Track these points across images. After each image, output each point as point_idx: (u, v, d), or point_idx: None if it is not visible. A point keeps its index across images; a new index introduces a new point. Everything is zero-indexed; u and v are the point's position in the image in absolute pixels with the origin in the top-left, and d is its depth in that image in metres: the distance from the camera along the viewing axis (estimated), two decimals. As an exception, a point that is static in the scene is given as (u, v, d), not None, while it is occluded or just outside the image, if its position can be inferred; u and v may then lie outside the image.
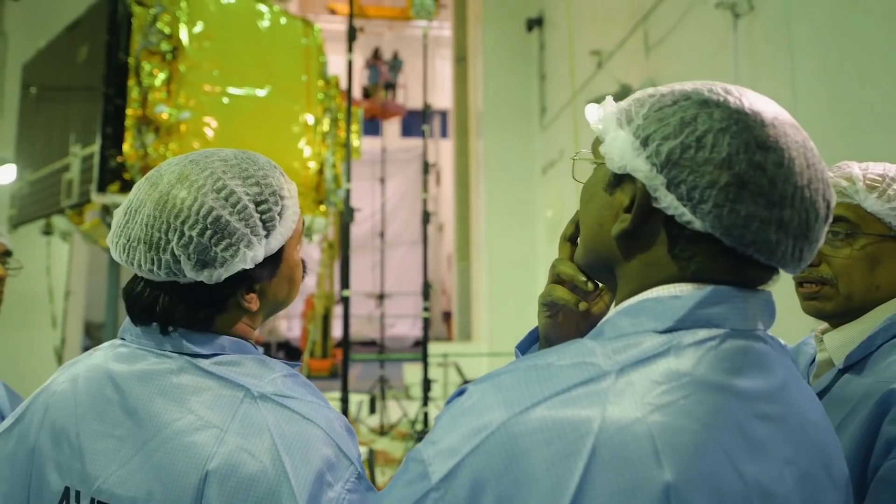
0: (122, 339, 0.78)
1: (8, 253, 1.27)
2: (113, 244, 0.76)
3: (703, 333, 0.51)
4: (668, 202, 0.52)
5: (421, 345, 4.87)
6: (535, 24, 7.77)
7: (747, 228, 0.51)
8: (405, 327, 12.93)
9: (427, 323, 4.93)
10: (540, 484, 0.44)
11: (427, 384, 4.77)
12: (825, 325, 0.92)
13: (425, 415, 4.96)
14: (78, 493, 0.69)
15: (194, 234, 0.71)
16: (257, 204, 0.75)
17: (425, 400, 4.87)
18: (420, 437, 5.00)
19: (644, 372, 0.49)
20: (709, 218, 0.51)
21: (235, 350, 0.76)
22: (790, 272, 0.56)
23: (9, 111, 5.52)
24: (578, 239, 0.66)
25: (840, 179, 0.87)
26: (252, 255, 0.74)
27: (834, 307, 0.87)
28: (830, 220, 0.55)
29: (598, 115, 0.59)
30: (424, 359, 4.74)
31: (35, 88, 4.09)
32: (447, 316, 12.32)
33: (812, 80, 3.03)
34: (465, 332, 9.42)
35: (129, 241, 0.73)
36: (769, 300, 0.56)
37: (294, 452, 0.67)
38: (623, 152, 0.55)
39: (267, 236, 0.76)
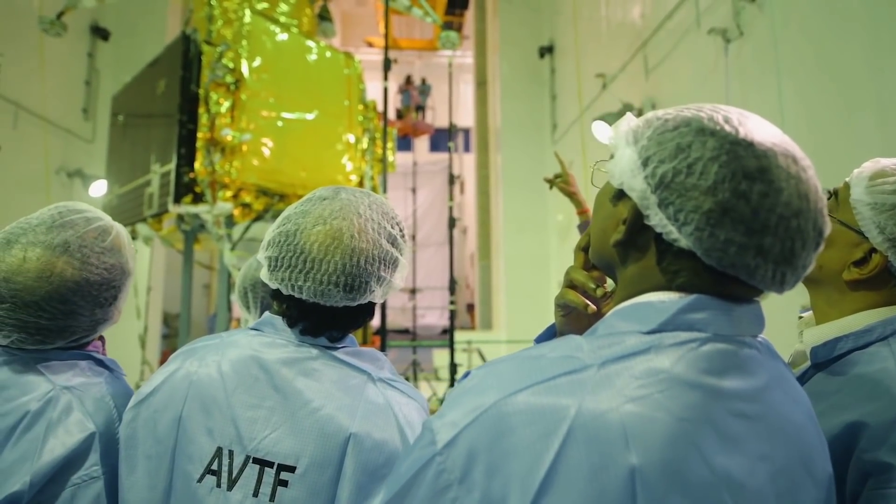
0: (258, 329, 0.82)
1: None
2: (295, 286, 0.76)
3: (684, 336, 0.49)
4: (657, 220, 0.50)
5: (448, 333, 4.89)
6: (546, 51, 7.70)
7: (725, 252, 0.48)
8: (434, 317, 12.93)
9: (453, 314, 4.95)
10: (522, 457, 0.44)
11: (453, 367, 4.76)
12: (810, 313, 0.82)
13: (452, 394, 4.95)
14: (231, 451, 0.72)
15: (387, 275, 0.80)
16: (401, 235, 0.84)
17: (452, 381, 4.86)
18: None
19: (624, 367, 0.47)
20: (691, 239, 0.49)
21: (349, 343, 0.84)
22: (775, 292, 0.52)
23: (101, 136, 5.69)
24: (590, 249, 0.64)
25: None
26: (405, 272, 0.85)
27: None
28: (821, 247, 0.51)
29: (609, 131, 0.57)
30: (451, 345, 4.75)
31: (122, 116, 4.21)
32: (470, 307, 12.26)
33: (797, 99, 2.94)
34: (486, 321, 9.36)
35: (322, 285, 0.76)
36: (756, 311, 0.53)
37: (408, 422, 0.77)
38: (623, 171, 0.53)
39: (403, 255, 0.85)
